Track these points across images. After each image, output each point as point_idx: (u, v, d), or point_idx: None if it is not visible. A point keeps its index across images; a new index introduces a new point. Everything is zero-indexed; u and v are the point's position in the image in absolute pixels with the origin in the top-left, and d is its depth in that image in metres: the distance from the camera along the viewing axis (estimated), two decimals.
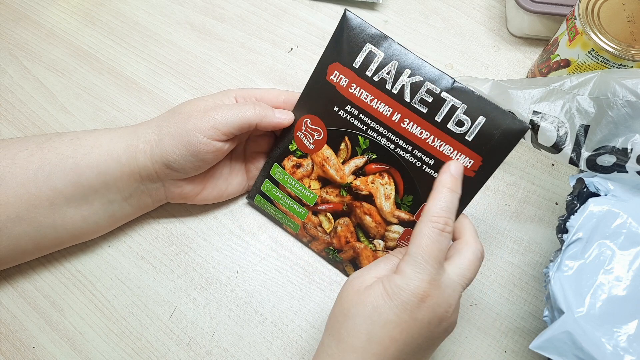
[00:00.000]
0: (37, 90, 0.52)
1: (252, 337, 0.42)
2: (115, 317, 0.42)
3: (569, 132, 0.38)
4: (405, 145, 0.38)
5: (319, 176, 0.42)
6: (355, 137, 0.39)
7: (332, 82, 0.39)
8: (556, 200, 0.47)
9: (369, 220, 0.41)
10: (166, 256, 0.45)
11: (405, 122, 0.37)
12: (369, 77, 0.37)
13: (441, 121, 0.36)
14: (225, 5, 0.57)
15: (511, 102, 0.40)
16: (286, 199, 0.43)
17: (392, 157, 0.38)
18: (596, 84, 0.38)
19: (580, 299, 0.33)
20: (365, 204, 0.41)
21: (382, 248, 0.41)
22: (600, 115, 0.37)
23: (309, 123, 0.41)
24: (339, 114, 0.39)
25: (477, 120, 0.35)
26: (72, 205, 0.39)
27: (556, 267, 0.34)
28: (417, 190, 0.39)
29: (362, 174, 0.40)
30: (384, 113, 0.38)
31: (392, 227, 0.40)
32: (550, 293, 0.34)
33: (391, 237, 0.41)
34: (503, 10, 0.57)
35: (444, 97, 0.36)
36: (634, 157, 0.36)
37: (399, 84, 0.37)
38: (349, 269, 0.44)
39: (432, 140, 0.37)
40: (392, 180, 0.39)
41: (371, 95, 0.38)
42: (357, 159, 0.40)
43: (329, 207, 0.42)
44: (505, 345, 0.42)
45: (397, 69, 0.37)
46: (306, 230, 0.44)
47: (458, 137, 0.36)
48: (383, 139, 0.38)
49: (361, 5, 0.57)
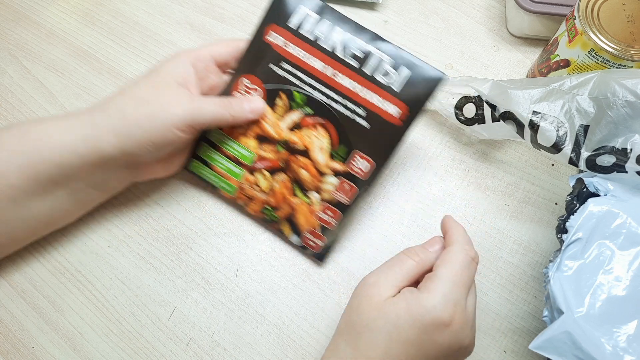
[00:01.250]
0: (37, 90, 0.52)
1: (251, 337, 0.42)
2: (115, 317, 0.42)
3: (569, 132, 0.38)
4: (338, 98, 0.40)
5: (256, 134, 0.43)
6: (291, 93, 0.41)
7: (268, 42, 0.41)
8: (556, 201, 0.47)
9: (305, 174, 0.42)
10: (166, 256, 0.45)
11: (338, 76, 0.40)
12: (303, 35, 0.40)
13: (370, 74, 0.39)
14: (225, 5, 0.57)
15: (511, 102, 0.40)
16: (223, 160, 0.44)
17: (326, 110, 0.41)
18: (596, 84, 0.38)
19: (579, 299, 0.33)
20: (301, 158, 0.42)
21: (318, 201, 0.42)
22: (599, 115, 0.37)
23: (246, 82, 0.42)
24: (275, 71, 0.41)
25: (402, 72, 0.39)
26: (35, 198, 0.39)
27: (556, 267, 0.34)
28: (349, 141, 0.41)
29: (298, 129, 0.42)
30: (318, 68, 0.40)
31: (327, 178, 0.42)
32: (549, 293, 0.34)
33: (326, 189, 0.42)
34: (503, 10, 0.57)
35: (372, 51, 0.39)
36: (633, 157, 0.36)
37: (331, 41, 0.40)
38: (284, 228, 0.44)
39: (363, 92, 0.40)
40: (327, 133, 0.41)
41: (306, 52, 0.41)
42: (293, 113, 0.42)
43: (267, 164, 0.43)
44: (505, 345, 0.42)
45: (329, 28, 0.40)
46: (243, 192, 0.44)
47: (386, 88, 0.39)
48: (317, 93, 0.41)
49: (361, 5, 0.57)
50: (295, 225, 0.43)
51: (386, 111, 0.39)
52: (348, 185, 0.41)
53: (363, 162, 0.41)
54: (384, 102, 0.39)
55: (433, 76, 0.38)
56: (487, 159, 0.49)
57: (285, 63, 0.41)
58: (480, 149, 0.49)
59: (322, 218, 0.42)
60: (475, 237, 0.45)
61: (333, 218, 0.42)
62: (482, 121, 0.44)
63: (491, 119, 0.43)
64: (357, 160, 0.41)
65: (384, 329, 0.32)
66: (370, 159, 0.41)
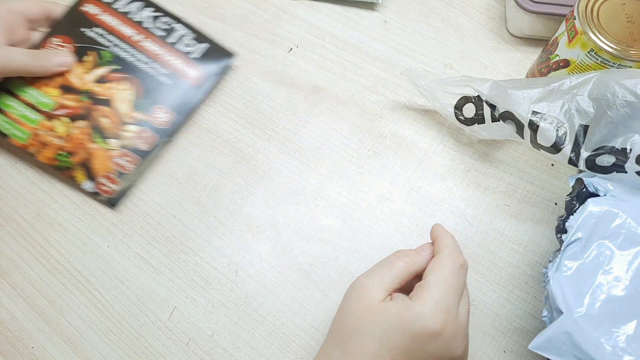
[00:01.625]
0: None
1: (251, 337, 0.42)
2: (115, 317, 0.42)
3: (568, 132, 0.38)
4: (144, 59, 0.48)
5: (60, 85, 0.47)
6: (100, 52, 0.48)
7: (83, 12, 0.49)
8: (555, 201, 0.47)
9: (106, 121, 0.46)
10: (165, 256, 0.45)
11: (146, 42, 0.48)
12: (116, 9, 0.49)
13: (173, 43, 0.49)
14: (225, 5, 0.57)
15: (510, 102, 0.40)
16: (19, 106, 0.46)
17: (133, 68, 0.48)
18: (595, 84, 0.38)
19: (579, 299, 0.33)
20: (104, 107, 0.47)
21: (117, 147, 0.46)
22: (599, 115, 0.37)
23: (56, 41, 0.48)
24: (86, 33, 0.48)
25: (202, 45, 0.49)
26: None
27: (555, 268, 0.34)
28: (153, 95, 0.47)
29: (103, 82, 0.47)
30: (128, 35, 0.48)
31: (128, 127, 0.46)
32: (549, 293, 0.34)
33: (126, 136, 0.46)
34: (503, 10, 0.57)
35: (177, 27, 0.49)
36: (633, 158, 0.36)
37: (139, 16, 0.49)
38: (77, 174, 0.46)
39: (166, 56, 0.48)
40: (133, 87, 0.47)
41: (118, 21, 0.49)
42: (100, 69, 0.48)
43: (68, 112, 0.46)
44: (505, 346, 0.42)
45: (139, 7, 0.50)
46: (37, 138, 0.46)
47: (187, 55, 0.49)
48: (125, 54, 0.48)
49: (361, 5, 0.57)
50: (90, 170, 0.46)
51: (186, 73, 0.48)
52: (149, 133, 0.46)
53: (164, 114, 0.47)
54: (185, 65, 0.48)
55: (227, 51, 0.50)
56: (487, 159, 0.49)
57: (97, 28, 0.48)
58: (480, 149, 0.49)
59: (120, 163, 0.46)
60: (475, 237, 0.45)
61: (131, 163, 0.46)
62: (482, 121, 0.44)
63: (491, 119, 0.43)
64: (159, 112, 0.47)
65: (374, 333, 0.32)
66: (170, 110, 0.47)
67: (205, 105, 0.51)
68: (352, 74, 0.53)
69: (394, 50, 0.54)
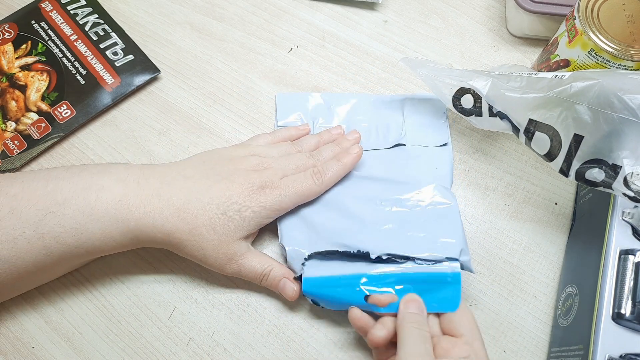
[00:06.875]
0: None
1: (251, 336, 0.42)
2: (115, 316, 0.42)
3: (563, 141, 0.38)
4: (70, 57, 0.51)
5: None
6: (37, 43, 0.52)
7: (40, 7, 0.54)
8: (556, 200, 0.47)
9: (14, 104, 0.49)
10: (165, 256, 0.45)
11: (78, 42, 0.52)
12: (69, 10, 0.53)
13: (103, 48, 0.52)
14: (225, 5, 0.57)
15: (508, 106, 0.40)
16: None
17: (57, 62, 0.51)
18: (596, 94, 0.36)
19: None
20: (17, 92, 0.50)
21: (11, 130, 0.48)
22: (596, 127, 0.36)
23: (6, 26, 0.52)
24: (33, 26, 0.52)
25: (127, 57, 0.52)
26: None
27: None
28: (64, 91, 0.50)
29: (27, 69, 0.50)
30: (66, 32, 0.52)
31: (30, 114, 0.49)
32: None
33: (24, 122, 0.49)
34: (503, 10, 0.57)
35: (112, 35, 0.53)
36: (620, 177, 0.35)
37: (86, 19, 0.53)
38: None
39: (91, 58, 0.51)
40: (49, 79, 0.50)
41: (63, 20, 0.53)
42: (29, 57, 0.51)
43: None
44: (505, 345, 0.42)
45: (89, 12, 0.54)
46: None
47: (110, 62, 0.51)
48: (57, 50, 0.51)
49: (361, 5, 0.57)
50: None
51: (102, 77, 0.50)
52: (44, 124, 0.48)
53: (66, 110, 0.49)
54: (104, 71, 0.51)
55: (153, 66, 0.52)
56: (487, 159, 0.49)
57: (44, 23, 0.52)
58: (481, 148, 0.49)
59: (7, 145, 0.48)
60: (475, 237, 0.45)
61: (17, 147, 0.48)
62: (479, 114, 0.44)
63: (488, 114, 0.43)
64: (62, 107, 0.49)
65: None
66: (73, 108, 0.49)
67: (197, 100, 0.51)
68: (352, 74, 0.53)
69: (394, 50, 0.54)
